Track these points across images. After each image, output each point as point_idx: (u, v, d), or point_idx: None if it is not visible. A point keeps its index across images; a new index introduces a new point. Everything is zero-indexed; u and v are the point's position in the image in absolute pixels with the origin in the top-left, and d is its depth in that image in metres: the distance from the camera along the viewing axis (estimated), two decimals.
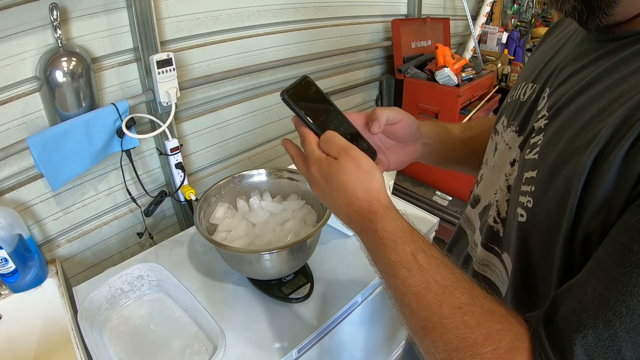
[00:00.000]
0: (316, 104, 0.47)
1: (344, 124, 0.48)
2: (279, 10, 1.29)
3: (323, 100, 0.48)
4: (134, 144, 1.00)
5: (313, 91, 0.48)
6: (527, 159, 0.38)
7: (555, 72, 0.42)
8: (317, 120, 0.46)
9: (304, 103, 0.46)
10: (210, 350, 0.75)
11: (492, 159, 0.49)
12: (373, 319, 1.05)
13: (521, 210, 0.37)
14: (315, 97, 0.48)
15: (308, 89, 0.47)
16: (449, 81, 1.57)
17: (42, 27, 0.81)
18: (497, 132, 0.50)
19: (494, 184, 0.47)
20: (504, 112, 0.49)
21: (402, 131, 0.51)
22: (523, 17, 2.60)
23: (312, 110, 0.47)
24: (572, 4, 0.34)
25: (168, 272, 0.83)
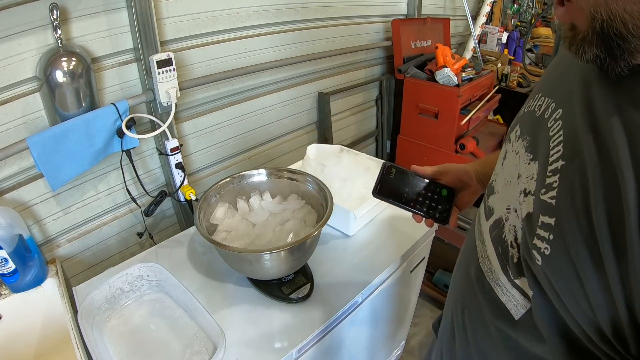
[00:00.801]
0: (399, 184, 0.61)
1: (423, 184, 0.61)
2: (279, 10, 1.29)
3: (403, 177, 0.61)
4: (134, 144, 1.00)
5: (394, 172, 0.61)
6: (543, 200, 0.37)
7: (568, 93, 0.39)
8: (405, 198, 0.61)
9: (390, 190, 0.61)
10: (210, 350, 0.75)
11: (504, 170, 0.48)
12: (373, 319, 1.05)
13: (537, 254, 0.36)
14: (397, 177, 0.61)
15: (390, 173, 0.61)
16: (449, 81, 1.57)
17: (42, 27, 0.81)
18: (509, 140, 0.49)
19: (506, 199, 0.46)
20: (519, 120, 0.48)
21: (453, 181, 0.62)
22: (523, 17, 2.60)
23: (397, 193, 0.61)
24: (595, 53, 0.32)
25: (168, 272, 0.83)
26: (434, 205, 0.60)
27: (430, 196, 0.60)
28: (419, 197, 0.60)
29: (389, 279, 0.99)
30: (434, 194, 0.60)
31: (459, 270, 0.59)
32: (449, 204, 0.60)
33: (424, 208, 0.60)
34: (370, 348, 1.16)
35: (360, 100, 1.84)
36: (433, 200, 0.60)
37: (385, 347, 1.30)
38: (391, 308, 1.14)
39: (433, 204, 0.60)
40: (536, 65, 2.42)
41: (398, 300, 1.16)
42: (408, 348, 1.63)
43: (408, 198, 0.60)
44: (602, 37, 0.31)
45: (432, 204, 0.60)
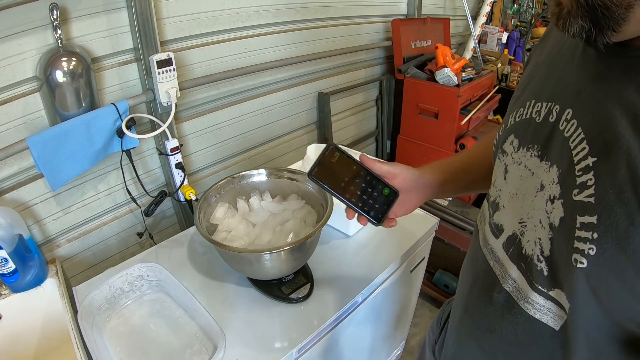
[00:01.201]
0: (340, 171, 0.55)
1: (366, 177, 0.55)
2: (279, 10, 1.29)
3: (346, 164, 0.55)
4: (134, 144, 1.00)
5: (337, 158, 0.55)
6: (578, 202, 0.35)
7: (575, 92, 0.39)
8: (341, 187, 0.55)
9: (328, 175, 0.54)
10: (210, 350, 0.75)
11: (508, 184, 0.47)
12: (373, 319, 1.05)
13: (580, 257, 0.35)
14: (339, 163, 0.55)
15: (332, 157, 0.54)
16: (449, 81, 1.57)
17: (42, 27, 0.81)
18: (505, 153, 0.47)
19: (518, 213, 0.44)
20: (512, 131, 0.47)
21: (401, 184, 0.56)
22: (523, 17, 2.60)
23: (335, 180, 0.55)
24: (580, 24, 0.33)
25: (168, 272, 0.83)
26: (372, 203, 0.55)
27: (369, 192, 0.55)
28: (357, 190, 0.55)
29: (389, 279, 0.99)
30: (375, 191, 0.55)
31: (470, 299, 0.54)
32: (387, 205, 0.55)
33: (359, 203, 0.55)
34: (370, 348, 1.16)
35: (360, 100, 1.84)
36: (372, 198, 0.55)
37: (385, 347, 1.30)
38: (391, 308, 1.14)
39: (370, 202, 0.55)
40: None
41: (398, 300, 1.16)
42: (408, 348, 1.63)
43: (345, 188, 0.54)
44: (587, 9, 0.31)
45: (369, 200, 0.55)
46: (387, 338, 1.26)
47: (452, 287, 1.79)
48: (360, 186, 0.54)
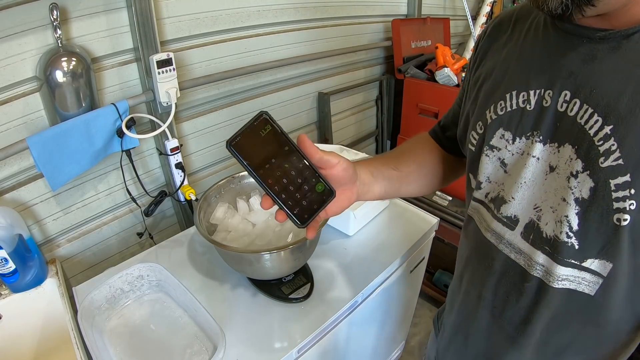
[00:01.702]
0: (267, 148, 0.43)
1: (299, 164, 0.43)
2: (279, 10, 1.29)
3: (277, 141, 0.43)
4: (134, 144, 1.00)
5: (267, 131, 0.43)
6: (607, 167, 0.38)
7: (567, 75, 0.42)
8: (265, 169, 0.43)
9: (251, 150, 0.43)
10: (210, 350, 0.75)
11: (511, 176, 0.47)
12: (373, 319, 1.05)
13: (623, 215, 0.38)
14: (269, 138, 0.43)
15: (261, 129, 0.43)
16: (449, 81, 1.57)
17: (42, 27, 0.81)
18: (496, 148, 0.48)
19: (531, 200, 0.46)
20: (498, 125, 0.48)
21: (340, 175, 0.47)
22: None
23: (259, 157, 0.43)
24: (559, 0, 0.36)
25: (168, 272, 0.83)
26: (298, 197, 0.43)
27: (299, 183, 0.43)
28: (283, 178, 0.43)
29: (389, 279, 0.99)
30: (306, 184, 0.43)
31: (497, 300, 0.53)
32: (317, 205, 0.44)
33: (283, 194, 0.43)
34: (370, 348, 1.16)
35: (360, 100, 1.84)
36: (300, 191, 0.43)
37: (385, 347, 1.30)
38: (391, 308, 1.14)
39: (297, 196, 0.43)
40: None
41: (398, 300, 1.16)
42: (408, 348, 1.63)
43: (269, 172, 0.43)
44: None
45: (296, 194, 0.43)
46: (387, 338, 1.26)
47: None
48: (289, 173, 0.43)
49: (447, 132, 0.67)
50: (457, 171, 0.70)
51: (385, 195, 0.57)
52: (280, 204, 0.44)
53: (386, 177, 0.56)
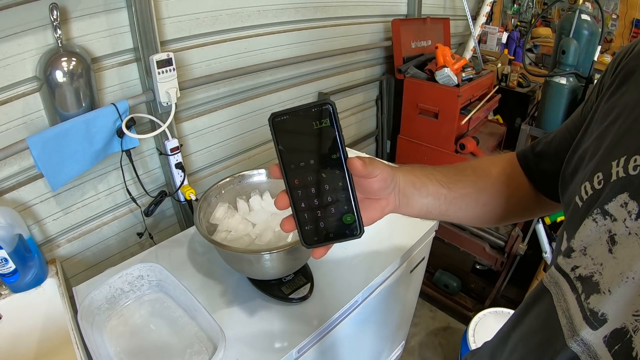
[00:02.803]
0: (312, 144, 0.37)
1: (337, 182, 0.37)
2: (279, 10, 1.29)
3: (327, 142, 0.37)
4: (134, 144, 1.00)
5: (323, 126, 0.36)
6: None
7: None
8: (298, 166, 0.37)
9: (293, 137, 0.37)
10: (210, 350, 0.75)
11: (618, 262, 0.34)
12: (373, 319, 1.05)
13: None
14: (320, 134, 0.36)
15: (317, 120, 0.36)
16: (449, 81, 1.57)
17: (42, 27, 0.81)
18: (610, 216, 0.35)
19: (633, 303, 0.33)
20: (624, 188, 0.34)
21: (376, 186, 0.40)
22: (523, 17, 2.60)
23: (297, 150, 0.37)
24: None
25: (168, 272, 0.83)
26: (319, 216, 0.37)
27: (328, 202, 0.37)
28: (313, 186, 0.37)
29: (389, 279, 0.99)
30: (335, 207, 0.37)
31: None
32: (335, 235, 0.38)
33: (303, 203, 0.37)
34: (370, 348, 1.16)
35: (360, 100, 1.84)
36: (324, 211, 0.37)
37: (385, 347, 1.30)
38: (391, 308, 1.14)
39: (319, 214, 0.37)
40: (536, 65, 2.43)
41: (398, 300, 1.16)
42: (408, 348, 1.63)
43: (300, 172, 0.37)
44: None
45: (318, 212, 0.37)
46: (387, 338, 1.27)
47: (451, 287, 1.79)
48: (322, 185, 0.37)
49: (544, 164, 0.52)
50: (535, 211, 0.56)
51: (427, 214, 0.48)
52: (294, 211, 0.38)
53: (431, 194, 0.48)
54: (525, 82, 2.06)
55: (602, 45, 1.56)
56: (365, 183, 0.40)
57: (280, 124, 0.36)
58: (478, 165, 0.55)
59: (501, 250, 1.58)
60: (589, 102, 0.45)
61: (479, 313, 1.40)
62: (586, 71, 1.53)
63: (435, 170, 0.50)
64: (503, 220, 0.55)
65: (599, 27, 1.48)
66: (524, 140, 1.64)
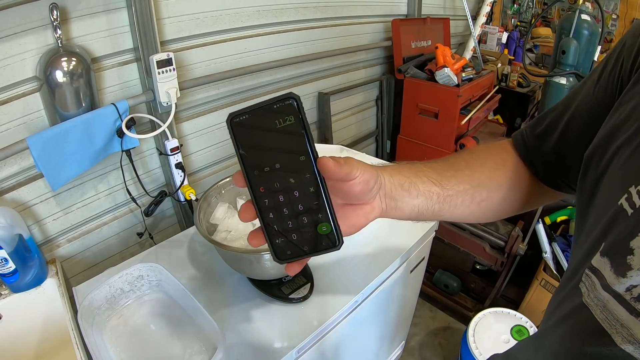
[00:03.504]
0: (278, 146, 0.32)
1: (308, 188, 0.32)
2: (279, 10, 1.29)
3: (294, 143, 0.32)
4: (134, 144, 1.00)
5: (288, 124, 0.31)
6: None
7: None
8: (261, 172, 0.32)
9: (255, 139, 0.32)
10: (210, 350, 0.75)
11: None
12: (373, 319, 1.05)
13: None
14: (286, 134, 0.32)
15: (281, 117, 0.31)
16: (449, 81, 1.57)
17: (42, 27, 0.81)
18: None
19: None
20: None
21: (357, 189, 0.35)
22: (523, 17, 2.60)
23: (261, 154, 0.32)
24: None
25: (168, 272, 0.83)
26: (290, 227, 0.33)
27: (299, 211, 0.33)
28: (281, 194, 0.32)
29: (389, 279, 0.99)
30: (308, 216, 0.33)
31: None
32: (310, 248, 0.33)
33: (271, 214, 0.33)
34: (370, 348, 1.16)
35: (360, 100, 1.84)
36: (296, 221, 0.33)
37: (385, 347, 1.30)
38: (391, 308, 1.14)
39: (290, 225, 0.33)
40: (536, 65, 2.43)
41: (398, 300, 1.16)
42: (408, 348, 1.63)
43: (266, 178, 0.32)
44: None
45: (289, 222, 0.33)
46: (387, 338, 1.27)
47: (451, 287, 1.79)
48: (291, 192, 0.32)
49: (546, 148, 0.46)
50: (534, 202, 0.51)
51: (419, 216, 0.44)
52: (262, 223, 0.33)
53: (422, 194, 0.43)
54: (525, 82, 2.06)
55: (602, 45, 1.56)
56: (344, 187, 0.34)
57: (240, 125, 0.32)
58: (472, 157, 0.49)
59: (501, 250, 1.58)
60: (602, 82, 0.40)
61: (479, 313, 1.40)
62: (586, 71, 1.53)
63: (424, 167, 0.45)
64: (501, 215, 0.51)
65: (599, 27, 1.48)
66: None
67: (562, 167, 0.44)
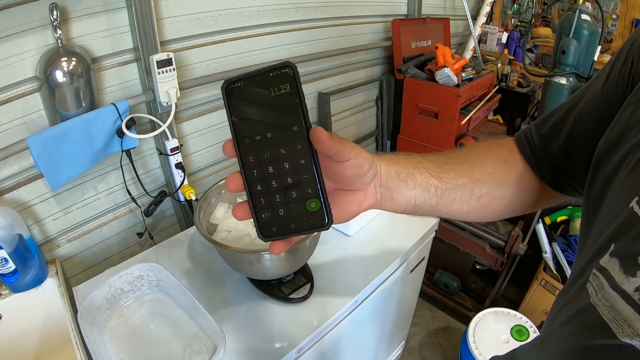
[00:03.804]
0: (270, 114, 0.31)
1: (298, 160, 0.31)
2: (279, 10, 1.29)
3: (287, 112, 0.31)
4: (134, 144, 1.00)
5: (282, 92, 0.30)
6: None
7: None
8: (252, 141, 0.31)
9: (247, 106, 0.31)
10: (210, 350, 0.75)
11: None
12: (373, 319, 1.05)
13: None
14: (279, 102, 0.31)
15: (275, 85, 0.30)
16: (449, 81, 1.57)
17: (42, 27, 0.81)
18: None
19: None
20: None
21: (350, 172, 0.34)
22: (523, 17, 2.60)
23: (252, 122, 0.31)
24: None
25: (168, 272, 0.83)
26: (277, 202, 0.32)
27: (288, 185, 0.31)
28: (270, 165, 0.31)
29: (389, 279, 0.99)
30: (297, 190, 0.31)
31: None
32: (297, 226, 0.32)
33: (259, 186, 0.32)
34: (370, 348, 1.16)
35: (360, 100, 1.84)
36: (284, 195, 0.32)
37: (385, 347, 1.30)
38: (391, 308, 1.14)
39: (277, 198, 0.32)
40: (536, 65, 2.43)
41: (398, 300, 1.16)
42: (408, 348, 1.63)
43: (255, 147, 0.31)
44: None
45: (276, 196, 0.32)
46: (387, 338, 1.27)
47: (451, 287, 1.79)
48: (281, 164, 0.31)
49: (553, 149, 0.44)
50: (536, 204, 0.49)
51: (415, 209, 0.41)
52: (249, 195, 0.32)
53: (420, 185, 0.41)
54: (525, 82, 2.06)
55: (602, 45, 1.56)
56: (337, 168, 0.33)
57: (235, 92, 0.31)
58: (473, 153, 0.47)
59: (501, 250, 1.58)
60: (611, 80, 0.39)
61: (479, 313, 1.40)
62: (586, 71, 1.53)
63: (423, 159, 0.43)
64: (500, 214, 0.48)
65: (599, 27, 1.48)
66: None
67: (568, 168, 0.43)
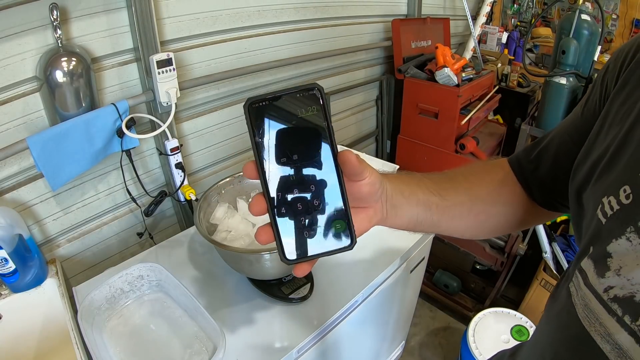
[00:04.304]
0: (296, 136, 0.30)
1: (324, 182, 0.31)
2: (279, 10, 1.29)
3: (314, 134, 0.31)
4: (134, 144, 1.00)
5: (310, 114, 0.30)
6: None
7: None
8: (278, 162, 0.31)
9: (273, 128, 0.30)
10: (210, 350, 0.75)
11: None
12: (373, 319, 1.05)
13: None
14: (306, 124, 0.30)
15: (303, 107, 0.30)
16: (449, 81, 1.57)
17: (42, 27, 0.81)
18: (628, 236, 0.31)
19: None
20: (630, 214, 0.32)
21: (365, 190, 0.35)
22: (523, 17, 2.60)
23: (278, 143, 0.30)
24: None
25: (168, 272, 0.83)
26: (302, 224, 0.31)
27: (314, 206, 0.31)
28: (296, 186, 0.31)
29: (389, 279, 0.99)
30: (323, 212, 0.31)
31: None
32: (322, 247, 0.32)
33: (283, 208, 0.31)
34: (370, 348, 1.16)
35: (360, 100, 1.84)
36: (310, 217, 0.31)
37: (385, 347, 1.30)
38: (391, 308, 1.14)
39: (302, 221, 0.31)
40: (536, 65, 2.43)
41: (398, 300, 1.16)
42: (408, 348, 1.63)
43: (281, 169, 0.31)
44: None
45: (301, 218, 0.31)
46: (387, 338, 1.27)
47: (451, 287, 1.79)
48: (307, 185, 0.31)
49: (540, 171, 0.48)
50: (529, 222, 0.53)
51: (417, 225, 0.44)
52: (272, 218, 0.31)
53: (422, 203, 0.43)
54: (525, 82, 2.06)
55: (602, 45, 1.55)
56: (354, 187, 0.34)
57: (259, 111, 0.30)
58: (470, 172, 0.51)
59: (501, 250, 1.58)
60: (590, 103, 0.42)
61: (479, 313, 1.40)
62: (586, 71, 1.53)
63: (424, 178, 0.46)
64: (496, 231, 0.52)
65: (599, 27, 1.48)
66: (524, 141, 1.64)
67: (556, 189, 0.46)
